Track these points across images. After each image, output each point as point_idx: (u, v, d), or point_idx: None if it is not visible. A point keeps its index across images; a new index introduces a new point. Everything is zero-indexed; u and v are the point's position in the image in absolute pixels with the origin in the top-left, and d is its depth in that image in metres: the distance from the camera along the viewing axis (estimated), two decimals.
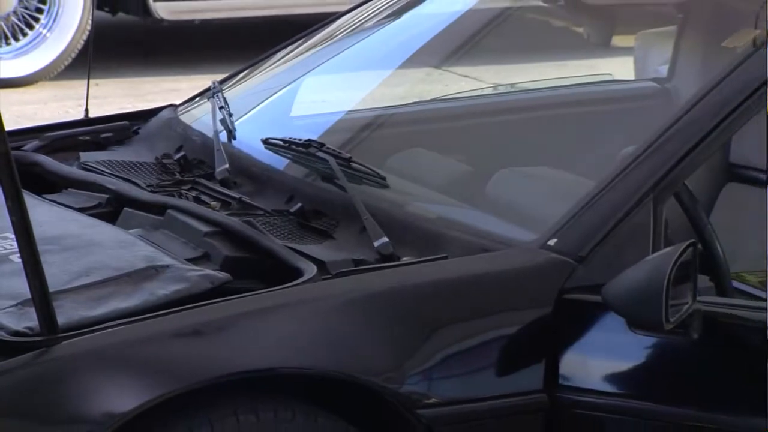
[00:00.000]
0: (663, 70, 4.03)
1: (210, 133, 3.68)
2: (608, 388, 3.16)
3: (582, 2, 4.13)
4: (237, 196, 3.46)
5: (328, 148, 3.50)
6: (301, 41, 4.06)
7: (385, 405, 3.07)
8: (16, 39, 7.56)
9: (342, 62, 4.00)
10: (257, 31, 6.43)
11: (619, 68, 4.20)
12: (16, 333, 2.95)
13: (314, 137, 3.58)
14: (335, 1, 4.72)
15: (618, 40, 4.22)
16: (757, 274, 3.75)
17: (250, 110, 3.84)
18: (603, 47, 4.20)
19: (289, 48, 4.06)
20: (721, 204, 4.01)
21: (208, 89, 3.89)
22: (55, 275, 2.99)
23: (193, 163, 3.65)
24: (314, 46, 4.04)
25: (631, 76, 4.15)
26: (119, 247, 3.24)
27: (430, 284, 3.15)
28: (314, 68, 3.98)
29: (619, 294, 3.06)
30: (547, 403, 3.13)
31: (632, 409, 3.14)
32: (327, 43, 4.03)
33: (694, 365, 3.14)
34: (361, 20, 4.07)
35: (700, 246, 3.18)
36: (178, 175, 3.61)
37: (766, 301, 3.11)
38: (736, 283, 3.49)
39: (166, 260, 3.18)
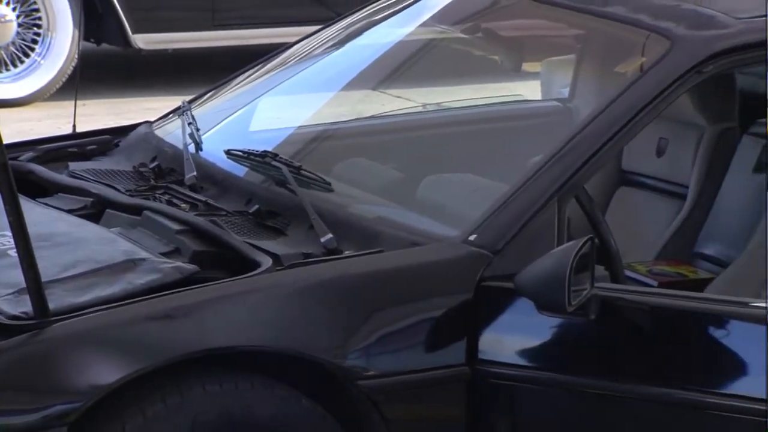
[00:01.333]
0: (565, 92, 4.03)
1: (180, 145, 3.65)
2: (520, 361, 3.15)
3: (496, 34, 4.13)
4: (203, 199, 3.43)
5: (281, 158, 3.48)
6: (258, 67, 4.04)
7: (331, 377, 3.06)
8: (15, 65, 7.53)
9: (293, 85, 3.97)
10: (221, 59, 6.42)
11: (528, 90, 4.21)
12: (14, 317, 2.94)
13: (270, 149, 3.55)
14: (287, 33, 4.73)
15: (527, 67, 4.23)
16: (644, 264, 3.78)
17: (215, 126, 3.82)
18: (514, 72, 4.21)
19: (248, 73, 4.04)
20: (614, 205, 4.05)
21: (178, 108, 3.86)
22: (47, 267, 2.97)
23: (165, 171, 3.62)
24: (269, 71, 4.02)
25: (539, 97, 4.16)
26: (102, 243, 3.23)
27: (368, 274, 3.14)
28: (270, 90, 3.96)
29: (529, 281, 3.06)
30: (468, 375, 3.12)
31: (540, 379, 3.14)
32: (280, 69, 4.02)
33: (593, 341, 3.14)
34: (309, 49, 4.05)
35: (596, 241, 3.16)
36: (152, 181, 3.58)
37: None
38: (627, 272, 3.50)
39: (143, 254, 3.16)
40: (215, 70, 4.41)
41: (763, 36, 3.36)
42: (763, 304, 3.17)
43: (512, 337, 3.17)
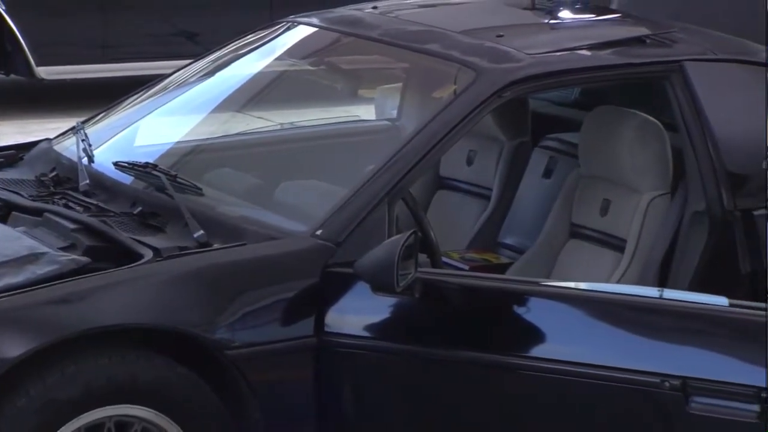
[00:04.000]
0: (394, 113, 4.05)
1: (75, 158, 3.59)
2: (359, 333, 3.15)
3: (337, 67, 4.15)
4: (95, 202, 3.37)
5: (160, 168, 3.44)
6: (141, 93, 3.99)
7: (203, 349, 3.03)
8: None
9: (171, 108, 3.92)
10: (112, 87, 6.32)
11: (364, 112, 4.22)
12: None
13: (151, 160, 3.51)
14: (167, 66, 4.68)
15: (363, 93, 4.23)
16: (458, 252, 3.81)
17: (105, 141, 3.76)
18: (352, 97, 4.22)
19: (133, 98, 3.98)
20: (434, 204, 4.07)
21: (74, 127, 3.80)
22: None
23: (63, 179, 3.56)
24: (151, 96, 3.97)
25: (373, 117, 4.16)
26: (8, 240, 3.16)
27: (233, 263, 3.12)
28: (151, 112, 3.91)
29: (365, 267, 3.06)
30: (316, 344, 3.11)
31: (375, 347, 3.14)
32: (160, 94, 3.97)
33: (418, 316, 3.15)
34: (185, 78, 4.01)
35: (419, 234, 3.18)
36: (52, 188, 3.51)
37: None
38: (444, 259, 3.53)
39: (43, 249, 3.11)
40: (107, 96, 4.33)
41: (548, 68, 3.41)
42: (553, 283, 3.21)
43: (352, 314, 3.16)
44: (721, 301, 3.01)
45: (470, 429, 3.11)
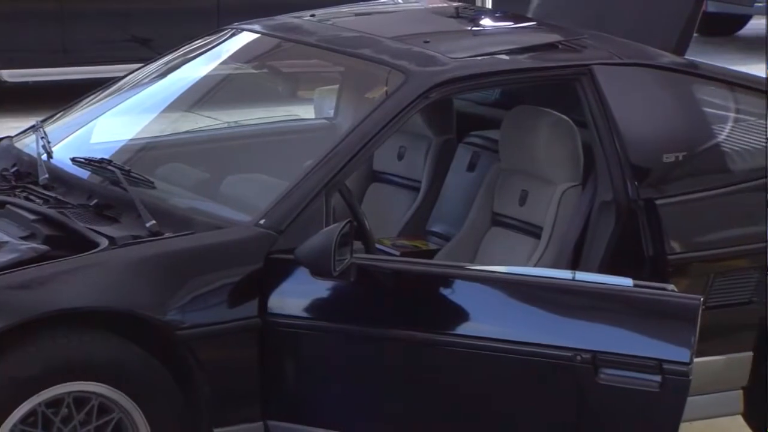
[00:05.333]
0: (331, 113, 4.04)
1: (35, 155, 3.54)
2: (299, 314, 3.14)
3: (278, 70, 4.13)
4: (53, 195, 3.34)
5: (115, 163, 3.41)
6: (96, 94, 3.95)
7: (156, 329, 3.01)
8: None
9: (125, 107, 3.89)
10: (71, 88, 6.23)
11: (304, 111, 4.20)
12: None
13: (106, 157, 3.48)
14: (121, 69, 4.63)
15: (303, 94, 4.22)
16: (390, 239, 3.80)
17: (63, 139, 3.72)
18: (293, 98, 4.20)
19: (89, 98, 3.94)
20: (368, 196, 4.06)
21: (33, 125, 3.75)
22: None
23: (23, 174, 3.51)
24: (106, 97, 3.93)
25: (312, 116, 4.15)
26: None
27: (183, 250, 3.10)
28: (106, 111, 3.87)
29: (305, 254, 3.05)
30: (260, 324, 3.10)
31: (314, 326, 3.13)
32: (114, 95, 3.93)
33: (353, 298, 3.14)
34: (137, 80, 3.97)
35: (354, 223, 3.18)
36: (13, 182, 3.47)
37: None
38: (378, 245, 3.52)
39: (5, 238, 3.08)
40: (67, 96, 4.27)
41: (470, 71, 3.42)
42: (476, 267, 3.22)
43: (293, 296, 3.15)
44: (627, 282, 3.04)
45: (401, 400, 3.11)
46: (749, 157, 3.57)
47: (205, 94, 3.96)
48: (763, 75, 3.82)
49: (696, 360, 2.95)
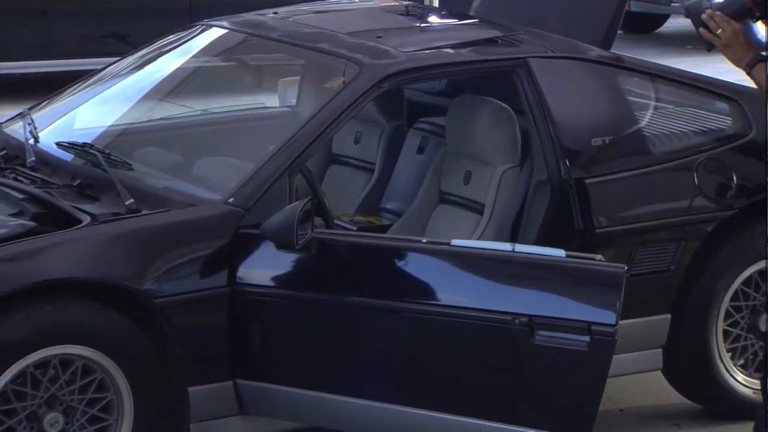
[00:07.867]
0: (293, 101, 4.03)
1: (23, 139, 3.51)
2: (265, 283, 3.13)
3: (245, 63, 4.11)
4: (40, 176, 3.31)
5: (96, 147, 3.38)
6: (79, 84, 3.91)
7: (134, 298, 3.00)
8: None
9: (105, 96, 3.86)
10: (58, 79, 6.15)
11: (269, 100, 4.18)
12: None
13: (89, 141, 3.45)
14: (103, 61, 4.56)
15: (267, 84, 4.20)
16: (347, 215, 3.80)
17: (49, 125, 3.68)
18: (258, 88, 4.18)
19: (73, 88, 3.91)
20: (327, 176, 4.06)
21: (21, 113, 3.72)
22: None
23: (12, 157, 3.48)
24: (88, 86, 3.89)
25: (276, 105, 4.13)
26: None
27: (159, 226, 3.09)
28: (88, 100, 3.84)
29: (270, 229, 3.04)
30: (229, 293, 3.09)
31: (279, 295, 3.12)
32: (96, 85, 3.90)
33: (314, 269, 3.13)
34: (116, 71, 3.93)
35: (315, 201, 3.18)
36: (2, 164, 3.44)
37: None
38: (336, 221, 3.53)
39: None
40: (50, 87, 4.22)
41: (419, 64, 3.42)
42: (425, 240, 3.23)
43: (259, 267, 3.14)
44: (560, 253, 3.06)
45: (356, 361, 3.12)
46: (667, 141, 3.61)
47: (179, 85, 3.94)
48: (681, 68, 3.85)
49: (621, 322, 2.99)
